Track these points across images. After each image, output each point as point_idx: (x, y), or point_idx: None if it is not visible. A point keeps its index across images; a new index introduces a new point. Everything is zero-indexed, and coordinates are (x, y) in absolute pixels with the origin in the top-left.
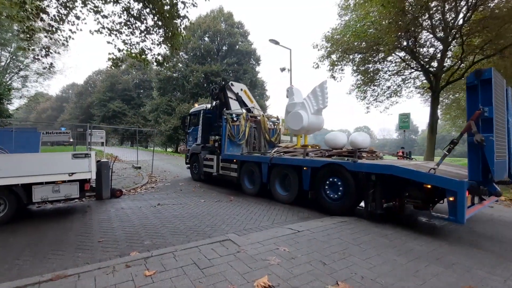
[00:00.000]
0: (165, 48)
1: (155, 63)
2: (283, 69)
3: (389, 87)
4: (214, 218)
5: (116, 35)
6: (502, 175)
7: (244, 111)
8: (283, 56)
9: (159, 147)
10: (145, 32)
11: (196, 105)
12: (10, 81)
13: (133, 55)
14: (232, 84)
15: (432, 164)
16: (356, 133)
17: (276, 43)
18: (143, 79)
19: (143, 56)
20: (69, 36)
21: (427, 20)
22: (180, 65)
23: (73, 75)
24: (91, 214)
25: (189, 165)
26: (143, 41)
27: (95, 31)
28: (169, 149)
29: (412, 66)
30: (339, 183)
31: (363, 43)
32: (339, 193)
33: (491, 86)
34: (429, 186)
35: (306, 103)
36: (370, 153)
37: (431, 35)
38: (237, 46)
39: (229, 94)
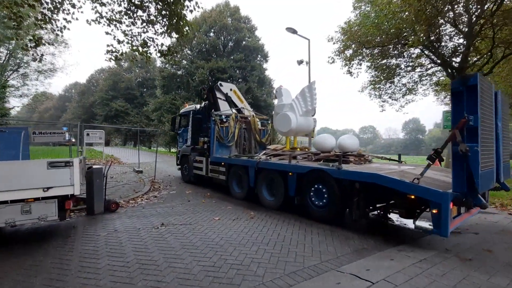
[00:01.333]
0: (169, 38)
1: (158, 55)
2: (300, 62)
3: (405, 84)
4: (238, 250)
5: (115, 25)
6: (488, 185)
7: (233, 111)
8: (289, 52)
9: (162, 147)
10: (147, 22)
11: (186, 105)
12: (8, 79)
13: (135, 47)
14: (221, 84)
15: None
16: (345, 136)
17: (294, 32)
18: (147, 77)
19: (145, 49)
20: (64, 26)
21: (449, 12)
22: (185, 62)
23: (75, 73)
24: (73, 242)
25: (179, 167)
26: (145, 31)
27: (93, 20)
28: (173, 150)
29: (433, 61)
30: (324, 189)
31: (383, 35)
32: (324, 200)
33: (477, 93)
34: (412, 196)
35: (295, 105)
36: (358, 157)
37: (453, 28)
38: (244, 42)
39: (218, 95)
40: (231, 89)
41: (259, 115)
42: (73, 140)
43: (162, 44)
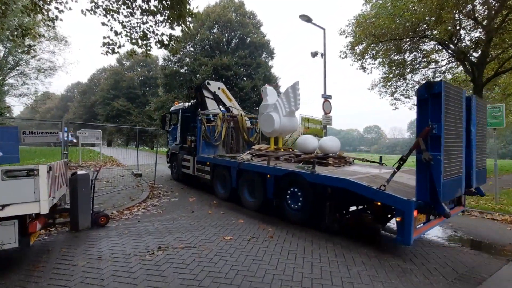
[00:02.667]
0: (171, 29)
1: (158, 45)
2: (315, 54)
3: (418, 82)
4: None
5: (112, 15)
6: (452, 194)
7: (220, 111)
8: (296, 48)
9: (165, 147)
10: (146, 12)
11: (177, 103)
12: (5, 78)
13: (134, 40)
14: (208, 83)
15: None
16: (326, 137)
17: (308, 20)
18: (149, 76)
19: (144, 42)
20: (56, 17)
21: (468, 5)
22: (188, 60)
23: (77, 73)
24: (40, 277)
25: (169, 165)
26: (145, 22)
27: (88, 10)
28: None
29: (453, 54)
30: (299, 193)
31: (399, 27)
32: (299, 204)
33: (441, 102)
34: (379, 203)
35: (278, 105)
36: (338, 159)
37: (471, 21)
38: (249, 38)
39: (206, 93)
40: (219, 88)
41: (248, 113)
42: (74, 140)
43: (162, 34)
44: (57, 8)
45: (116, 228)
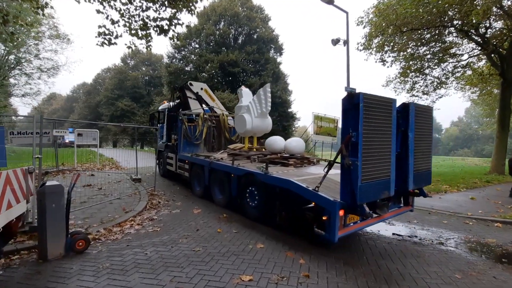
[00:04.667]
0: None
1: (157, 31)
2: (336, 41)
3: (437, 77)
4: None
5: (109, 2)
6: (373, 197)
7: (204, 110)
8: (305, 43)
9: None
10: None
11: (165, 102)
12: (5, 77)
13: (133, 31)
14: (191, 84)
15: None
16: (291, 139)
17: (330, 1)
18: (153, 75)
19: (144, 32)
20: (46, 4)
21: None
22: (193, 57)
23: (83, 74)
24: None
25: (157, 162)
26: (145, 9)
27: None
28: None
29: (479, 43)
30: (255, 191)
31: (424, 15)
32: (256, 202)
33: (359, 112)
34: (313, 203)
35: (251, 107)
36: (300, 160)
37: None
38: (257, 33)
39: (188, 94)
40: (201, 88)
41: (232, 113)
42: (66, 141)
43: (162, 19)
44: None
45: (96, 257)
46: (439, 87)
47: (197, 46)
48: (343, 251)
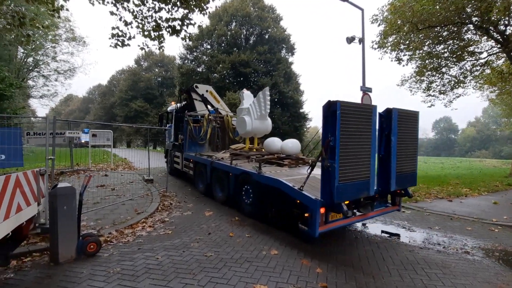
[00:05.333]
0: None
1: (169, 32)
2: (351, 39)
3: (455, 76)
4: None
5: (122, 4)
6: (351, 196)
7: (209, 112)
8: (317, 43)
9: None
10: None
11: (173, 103)
12: (24, 79)
13: (146, 32)
14: (196, 86)
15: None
16: (287, 140)
17: None
18: (166, 76)
19: (156, 33)
20: (62, 6)
21: None
22: (205, 58)
23: (98, 75)
24: None
25: (165, 160)
26: (157, 10)
27: None
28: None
29: (499, 41)
30: (250, 190)
31: (442, 12)
32: (250, 199)
33: (336, 119)
34: (298, 201)
35: (251, 109)
36: (295, 160)
37: None
38: (268, 34)
39: (194, 96)
40: (207, 91)
41: (235, 114)
42: (83, 141)
43: (174, 19)
44: None
45: (107, 261)
46: (457, 86)
47: (208, 47)
48: (362, 260)
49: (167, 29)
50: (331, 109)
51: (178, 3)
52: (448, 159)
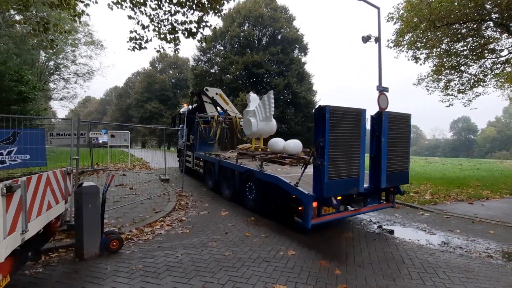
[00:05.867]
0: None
1: (185, 34)
2: (367, 39)
3: (475, 75)
4: None
5: (139, 8)
6: (340, 192)
7: (219, 113)
8: (331, 44)
9: None
10: (175, 4)
11: (184, 105)
12: (46, 82)
13: (162, 35)
14: (206, 89)
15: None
16: (290, 140)
17: None
18: (180, 78)
19: (172, 36)
20: (82, 11)
21: None
22: (218, 59)
23: (114, 77)
24: None
25: (178, 159)
26: (173, 14)
27: (114, 3)
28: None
29: None
30: (253, 186)
31: (461, 8)
32: (253, 195)
33: (325, 122)
34: (294, 196)
35: (256, 111)
36: (297, 159)
37: None
38: (281, 34)
39: (204, 98)
40: (216, 93)
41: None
42: (100, 141)
43: (190, 22)
44: (82, 1)
45: (129, 258)
46: (476, 85)
47: (221, 48)
48: (382, 262)
49: (183, 32)
50: (321, 113)
51: (193, 6)
52: (467, 160)
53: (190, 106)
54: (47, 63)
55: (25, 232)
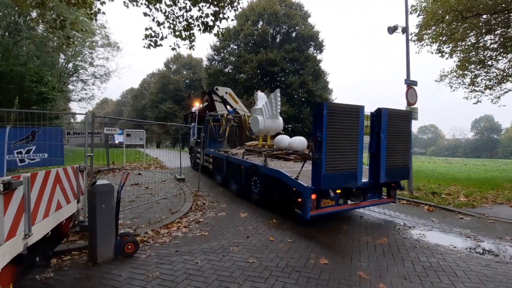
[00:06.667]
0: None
1: (202, 28)
2: (394, 29)
3: (503, 70)
4: None
5: (155, 5)
6: (337, 185)
7: (228, 112)
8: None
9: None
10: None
11: (196, 104)
12: (65, 83)
13: (177, 32)
14: (217, 89)
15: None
16: (294, 137)
17: None
18: (194, 78)
19: (187, 33)
20: (99, 10)
21: None
22: (232, 58)
23: (130, 79)
24: None
25: (190, 156)
26: (188, 10)
27: (130, 1)
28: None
29: None
30: (258, 180)
31: None
32: (258, 188)
33: (323, 118)
34: (294, 189)
35: (263, 109)
36: (301, 156)
37: None
38: (296, 31)
39: (215, 97)
40: (226, 92)
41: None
42: (116, 141)
43: (206, 15)
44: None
45: (145, 263)
46: (505, 81)
47: (235, 47)
48: (430, 274)
49: (199, 26)
50: (319, 109)
51: (210, 0)
52: (491, 161)
53: (201, 105)
54: (66, 65)
55: (29, 237)
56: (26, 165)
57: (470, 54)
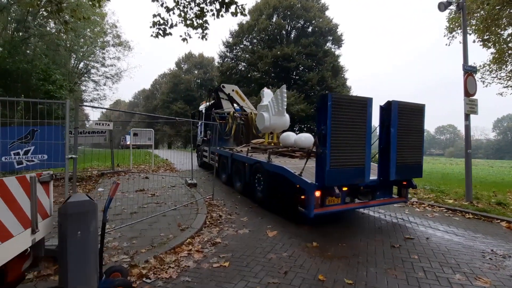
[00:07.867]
0: None
1: (216, 11)
2: (447, 5)
3: None
4: None
5: None
6: (343, 181)
7: (235, 109)
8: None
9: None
10: None
11: (204, 102)
12: (75, 83)
13: (189, 21)
14: (223, 86)
15: None
16: (300, 134)
17: None
18: (205, 77)
19: (199, 21)
20: None
21: None
22: (245, 55)
23: (142, 80)
24: None
25: (196, 154)
26: None
27: None
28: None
29: None
30: (262, 177)
31: None
32: (262, 186)
33: (327, 110)
34: (298, 186)
35: (269, 106)
36: (306, 153)
37: None
38: (313, 25)
39: (221, 95)
40: (233, 90)
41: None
42: (128, 142)
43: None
44: None
45: None
46: None
47: (248, 43)
48: None
49: (212, 11)
50: (323, 101)
51: None
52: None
53: (208, 103)
54: (77, 65)
55: None
56: (24, 167)
57: (510, 45)
